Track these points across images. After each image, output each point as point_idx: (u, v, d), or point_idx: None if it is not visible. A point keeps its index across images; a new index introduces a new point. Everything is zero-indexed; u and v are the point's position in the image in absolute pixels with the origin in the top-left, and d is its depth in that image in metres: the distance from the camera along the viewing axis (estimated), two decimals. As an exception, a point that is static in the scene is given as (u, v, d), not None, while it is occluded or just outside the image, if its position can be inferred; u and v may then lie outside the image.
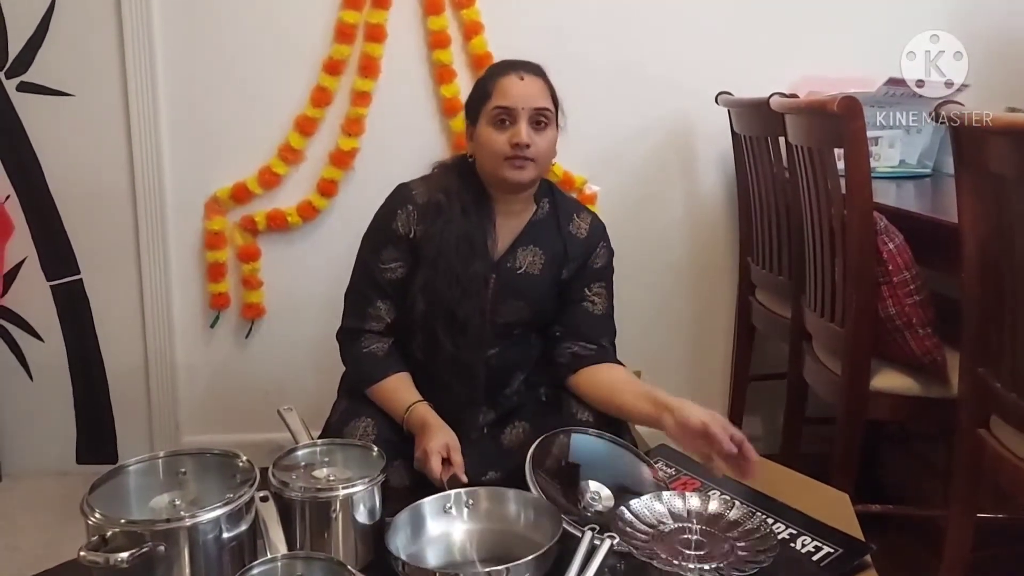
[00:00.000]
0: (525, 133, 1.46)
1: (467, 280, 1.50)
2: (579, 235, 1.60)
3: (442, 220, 1.51)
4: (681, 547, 1.09)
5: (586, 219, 1.63)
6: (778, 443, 2.21)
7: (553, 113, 1.51)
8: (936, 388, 1.65)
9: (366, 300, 1.56)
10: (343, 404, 1.58)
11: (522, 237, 1.57)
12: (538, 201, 1.59)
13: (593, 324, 1.60)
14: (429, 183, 1.57)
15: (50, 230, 2.29)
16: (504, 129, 1.47)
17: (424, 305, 1.52)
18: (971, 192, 1.39)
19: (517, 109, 1.46)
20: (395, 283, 1.55)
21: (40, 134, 2.23)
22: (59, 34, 2.18)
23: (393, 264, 1.54)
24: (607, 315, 1.62)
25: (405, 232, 1.53)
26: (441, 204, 1.52)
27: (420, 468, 1.40)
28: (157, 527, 1.05)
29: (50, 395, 2.38)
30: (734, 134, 2.30)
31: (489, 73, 1.56)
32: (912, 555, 1.91)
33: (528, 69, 1.51)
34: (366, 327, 1.56)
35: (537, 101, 1.48)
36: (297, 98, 2.26)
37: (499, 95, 1.48)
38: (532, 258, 1.57)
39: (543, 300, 1.58)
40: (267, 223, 2.31)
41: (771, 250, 2.15)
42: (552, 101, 1.52)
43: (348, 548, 1.21)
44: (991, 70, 2.22)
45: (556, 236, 1.59)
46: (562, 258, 1.58)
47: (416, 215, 1.53)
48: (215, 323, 2.38)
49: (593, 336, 1.59)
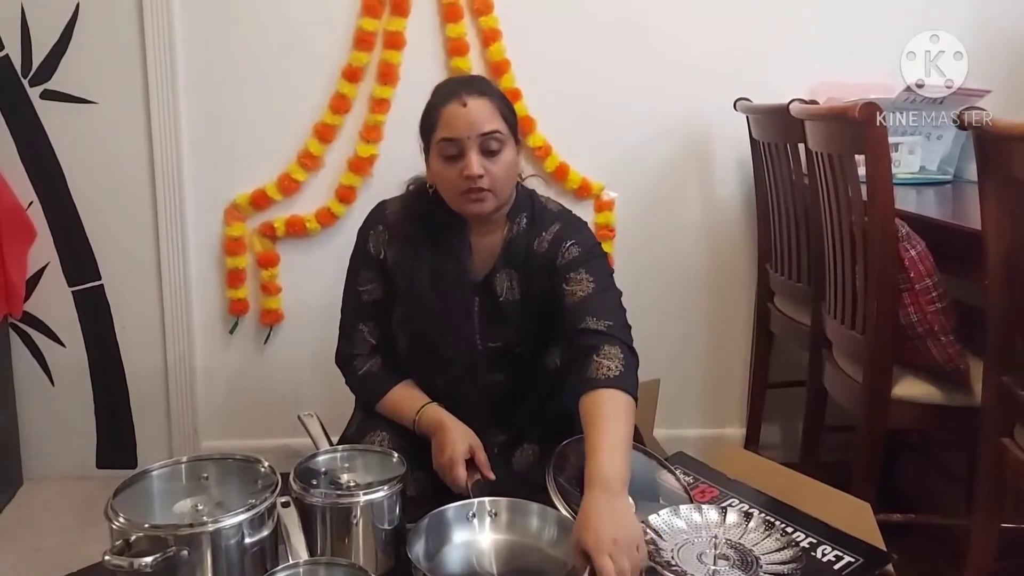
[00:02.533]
0: (476, 165, 1.35)
1: (446, 315, 1.44)
2: (540, 250, 1.47)
3: (410, 252, 1.45)
4: (708, 562, 1.08)
5: (552, 229, 1.48)
6: (797, 451, 2.20)
7: (506, 133, 1.39)
8: (959, 396, 1.64)
9: (350, 324, 1.55)
10: (359, 416, 1.57)
11: (500, 259, 1.48)
12: (514, 218, 1.48)
13: (577, 311, 1.39)
14: (403, 205, 1.51)
15: (72, 236, 2.31)
16: (455, 163, 1.37)
17: (407, 340, 1.49)
18: (995, 199, 1.37)
19: (463, 139, 1.36)
20: (374, 304, 1.52)
21: (63, 141, 2.25)
22: (82, 42, 2.20)
23: (369, 286, 1.51)
24: (599, 290, 1.40)
25: (376, 253, 1.49)
26: (408, 236, 1.46)
27: (443, 475, 1.38)
28: (181, 532, 1.06)
29: (71, 400, 2.40)
30: (753, 140, 2.30)
31: (432, 101, 1.44)
32: (934, 565, 1.89)
33: (472, 90, 1.39)
34: (355, 351, 1.54)
35: (484, 126, 1.36)
36: (316, 105, 2.28)
37: (443, 126, 1.38)
38: (510, 283, 1.48)
39: (529, 323, 1.49)
40: (286, 229, 2.32)
41: (790, 256, 2.14)
42: (503, 119, 1.40)
43: (368, 554, 1.21)
44: (1013, 75, 2.21)
45: (525, 255, 1.48)
46: (529, 280, 1.48)
47: (386, 236, 1.49)
48: (234, 329, 2.40)
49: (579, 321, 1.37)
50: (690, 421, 2.55)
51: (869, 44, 2.33)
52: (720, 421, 2.58)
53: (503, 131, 1.39)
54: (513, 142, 1.42)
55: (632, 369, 1.33)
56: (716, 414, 2.58)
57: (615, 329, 1.35)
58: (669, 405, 2.36)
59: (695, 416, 2.57)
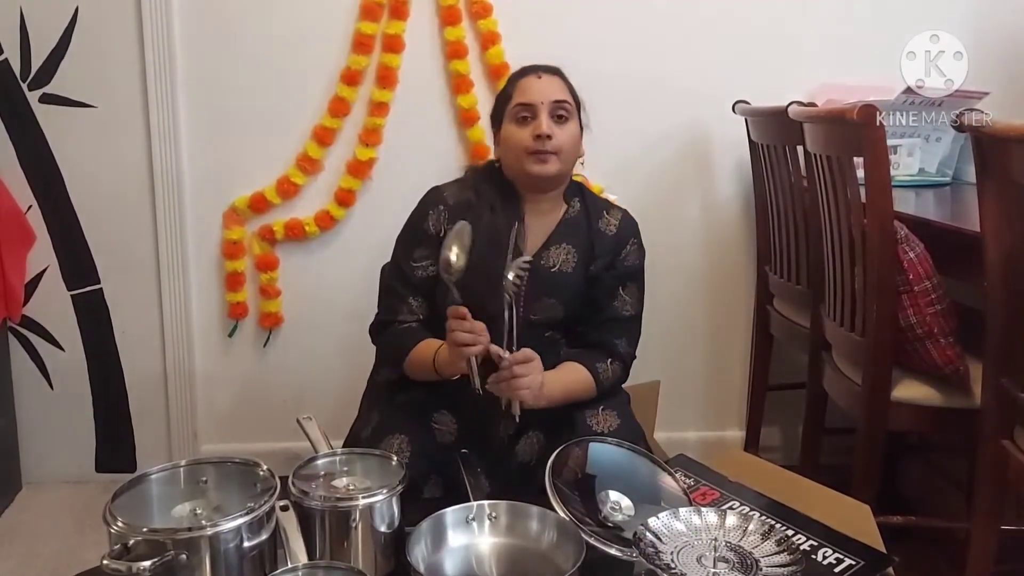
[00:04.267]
0: (546, 125, 1.51)
1: (497, 275, 1.49)
2: (608, 231, 1.63)
3: (472, 216, 1.53)
4: (708, 564, 1.07)
5: (616, 215, 1.65)
6: (797, 454, 2.20)
7: (573, 107, 1.56)
8: (958, 398, 1.64)
9: (399, 297, 1.59)
10: (374, 418, 1.57)
11: (554, 235, 1.60)
12: (568, 200, 1.63)
13: (618, 324, 1.62)
14: (460, 185, 1.63)
15: (71, 240, 2.31)
16: (526, 124, 1.53)
17: (456, 298, 1.53)
18: (994, 201, 1.38)
19: (536, 104, 1.53)
20: (427, 280, 1.58)
21: (62, 145, 2.26)
22: (81, 46, 2.21)
23: (425, 262, 1.57)
24: (636, 316, 1.64)
25: (436, 232, 1.57)
26: (471, 202, 1.57)
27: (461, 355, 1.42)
28: (179, 536, 1.06)
29: (70, 404, 2.40)
30: (751, 143, 2.30)
31: (510, 79, 1.64)
32: (934, 567, 1.89)
33: (546, 69, 1.58)
34: (398, 319, 1.58)
35: (555, 95, 1.54)
36: (315, 108, 2.28)
37: (519, 93, 1.56)
38: (565, 256, 1.59)
39: (576, 297, 1.60)
40: (285, 233, 2.32)
41: (789, 259, 2.14)
42: (572, 96, 1.57)
43: (368, 558, 1.21)
44: (1012, 77, 2.21)
45: (587, 233, 1.61)
46: (591, 255, 1.60)
47: (447, 215, 1.57)
48: (233, 332, 2.39)
49: (615, 336, 1.61)
50: (690, 423, 2.55)
51: (867, 47, 2.33)
52: (720, 424, 2.58)
53: (571, 103, 1.56)
54: (578, 122, 1.58)
55: (616, 383, 1.63)
56: (716, 417, 2.58)
57: (629, 357, 1.64)
58: (669, 408, 2.37)
59: (695, 419, 2.57)
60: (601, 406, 1.56)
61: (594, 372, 1.57)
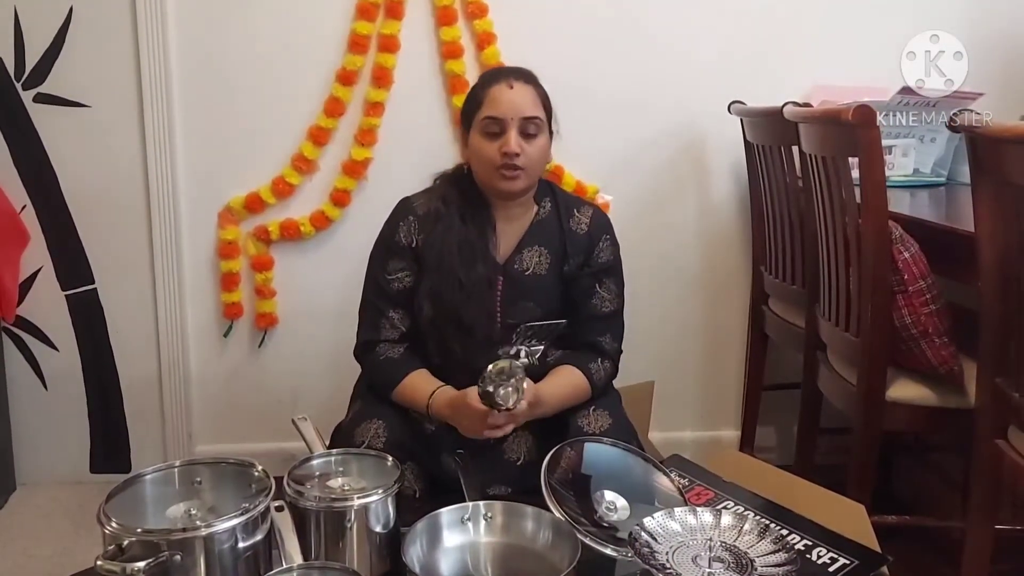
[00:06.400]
0: (514, 142, 1.49)
1: (471, 284, 1.52)
2: (579, 230, 1.62)
3: (442, 227, 1.54)
4: (703, 564, 1.07)
5: (587, 213, 1.65)
6: (792, 454, 2.20)
7: (543, 121, 1.54)
8: (953, 398, 1.64)
9: (378, 312, 1.59)
10: (356, 405, 1.60)
11: (526, 238, 1.60)
12: (539, 201, 1.63)
13: (600, 321, 1.62)
14: (429, 195, 1.62)
15: (65, 240, 2.30)
16: (494, 139, 1.51)
17: (431, 310, 1.54)
18: (989, 202, 1.38)
19: (506, 119, 1.50)
20: (404, 292, 1.58)
21: (56, 145, 2.25)
22: (75, 46, 2.20)
23: (400, 274, 1.58)
24: (617, 311, 1.65)
25: (408, 243, 1.57)
26: (440, 212, 1.56)
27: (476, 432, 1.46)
28: (173, 536, 1.06)
29: (64, 404, 2.39)
30: (747, 143, 2.30)
31: (480, 82, 1.60)
32: (929, 567, 1.89)
33: (518, 76, 1.54)
34: (381, 337, 1.58)
35: (526, 110, 1.51)
36: (310, 108, 2.27)
37: (489, 104, 1.52)
38: (538, 258, 1.60)
39: (552, 299, 1.60)
40: (280, 233, 2.31)
41: (784, 259, 2.14)
42: (543, 108, 1.55)
43: (363, 558, 1.21)
44: (1007, 78, 2.21)
45: (559, 234, 1.61)
46: (564, 255, 1.60)
47: (417, 225, 1.57)
48: (228, 332, 2.39)
49: (598, 333, 1.62)
50: (685, 424, 2.56)
51: (863, 47, 2.34)
52: (715, 423, 2.58)
53: (542, 118, 1.53)
54: (548, 131, 1.56)
55: (608, 381, 1.65)
56: (711, 416, 2.58)
57: (616, 352, 1.65)
58: (664, 407, 2.37)
59: (690, 419, 2.57)
60: (592, 406, 1.57)
61: (587, 373, 1.58)
